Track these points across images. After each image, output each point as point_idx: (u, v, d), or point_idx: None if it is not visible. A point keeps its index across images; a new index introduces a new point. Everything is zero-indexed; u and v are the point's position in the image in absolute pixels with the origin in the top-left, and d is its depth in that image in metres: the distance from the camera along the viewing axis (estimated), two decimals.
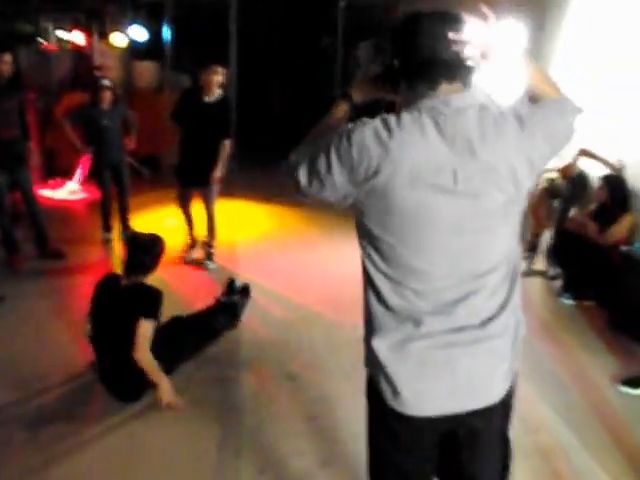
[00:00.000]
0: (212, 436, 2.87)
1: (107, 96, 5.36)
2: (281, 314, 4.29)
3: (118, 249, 5.67)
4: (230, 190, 6.02)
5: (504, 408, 1.62)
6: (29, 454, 2.73)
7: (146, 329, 2.99)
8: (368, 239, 1.51)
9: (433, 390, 1.50)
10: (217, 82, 4.79)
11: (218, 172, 4.92)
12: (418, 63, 1.45)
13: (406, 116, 1.42)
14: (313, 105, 10.72)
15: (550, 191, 5.01)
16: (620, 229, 4.41)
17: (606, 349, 3.89)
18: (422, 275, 1.46)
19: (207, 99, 4.82)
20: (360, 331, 2.38)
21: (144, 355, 2.97)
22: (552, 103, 1.54)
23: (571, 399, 3.31)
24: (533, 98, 1.57)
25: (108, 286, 3.28)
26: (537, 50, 5.30)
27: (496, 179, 1.42)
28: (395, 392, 1.50)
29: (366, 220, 1.49)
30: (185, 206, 5.22)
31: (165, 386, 3.03)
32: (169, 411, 3.02)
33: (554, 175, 5.01)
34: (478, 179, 1.41)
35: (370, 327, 1.57)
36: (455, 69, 1.45)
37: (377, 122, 1.43)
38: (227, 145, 4.94)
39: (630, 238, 4.40)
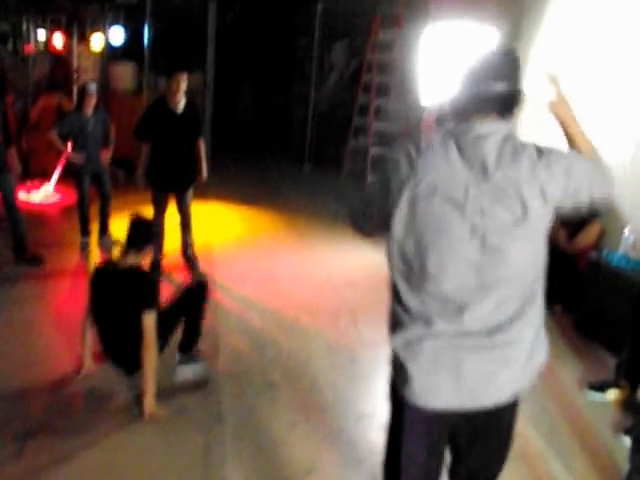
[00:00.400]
0: (197, 446, 2.94)
1: (92, 102, 5.39)
2: (259, 321, 4.36)
3: (96, 254, 5.70)
4: (203, 193, 6.05)
5: (509, 410, 1.79)
6: (15, 468, 2.76)
7: (151, 321, 3.10)
8: (393, 245, 1.71)
9: (439, 386, 1.67)
10: (184, 89, 4.77)
11: (205, 171, 5.10)
12: (463, 97, 1.71)
13: (437, 139, 1.69)
14: (288, 105, 10.83)
15: None
16: (588, 236, 4.57)
17: (574, 354, 4.06)
18: (433, 278, 1.65)
19: (178, 110, 4.81)
20: (336, 336, 2.49)
21: (152, 353, 3.09)
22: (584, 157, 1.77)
23: (540, 404, 3.43)
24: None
25: (103, 274, 3.37)
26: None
27: (504, 200, 1.59)
28: (407, 384, 1.69)
29: (394, 228, 1.70)
30: (163, 212, 5.26)
31: (151, 396, 3.10)
32: (152, 421, 3.08)
33: None
34: (487, 198, 1.60)
35: (391, 326, 1.77)
36: (496, 105, 1.67)
37: (410, 145, 1.72)
38: (202, 143, 5.09)
39: (598, 244, 4.56)
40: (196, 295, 3.47)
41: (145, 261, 3.39)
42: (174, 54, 8.98)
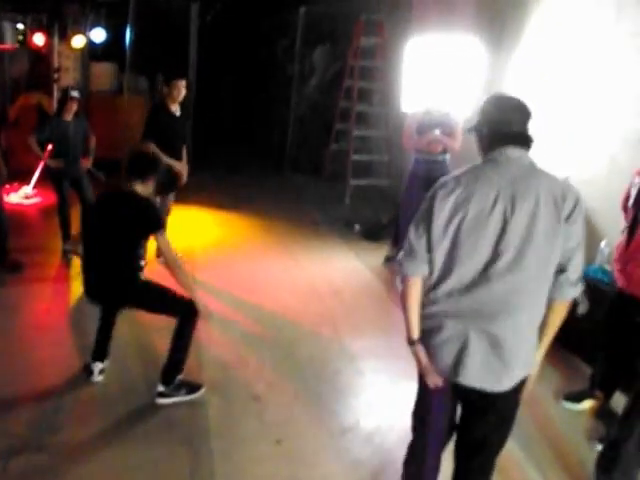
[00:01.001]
0: (185, 460, 2.97)
1: (74, 107, 5.35)
2: (242, 329, 4.39)
3: (77, 259, 5.65)
4: (183, 197, 6.07)
5: (509, 396, 2.13)
6: None
7: (165, 240, 3.32)
8: (444, 241, 2.06)
9: (443, 356, 2.12)
10: (183, 94, 5.07)
11: (185, 175, 5.36)
12: (494, 133, 2.09)
13: (476, 165, 2.11)
14: (268, 107, 10.80)
15: None
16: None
17: (550, 363, 4.10)
18: (459, 263, 2.04)
19: (177, 113, 5.13)
20: (319, 347, 2.56)
21: (178, 268, 3.31)
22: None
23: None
24: None
25: (110, 197, 3.52)
26: (494, 64, 5.50)
27: (522, 203, 1.96)
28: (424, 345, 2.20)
29: (434, 231, 2.06)
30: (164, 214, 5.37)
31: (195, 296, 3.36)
32: (140, 432, 3.13)
33: None
34: (510, 202, 1.98)
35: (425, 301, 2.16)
36: (519, 140, 2.07)
37: (461, 173, 2.12)
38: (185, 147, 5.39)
39: None
40: (188, 312, 3.43)
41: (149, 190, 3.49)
42: (156, 55, 8.93)
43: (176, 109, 5.13)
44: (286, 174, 9.65)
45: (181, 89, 5.02)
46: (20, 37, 8.77)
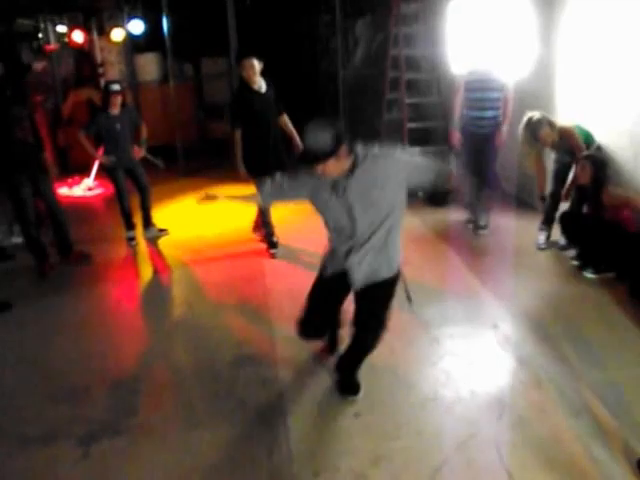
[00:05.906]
0: (262, 440, 2.91)
1: (117, 101, 5.34)
2: None
3: (143, 246, 5.71)
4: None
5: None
6: (84, 471, 2.79)
7: None
8: None
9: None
10: (258, 71, 4.80)
11: (299, 143, 4.87)
12: None
13: None
14: (315, 82, 10.58)
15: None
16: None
17: (632, 323, 3.79)
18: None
19: (261, 90, 4.88)
20: (393, 317, 2.48)
21: None
22: None
23: (609, 376, 3.30)
24: None
25: None
26: (545, 25, 5.22)
27: None
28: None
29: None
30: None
31: None
32: (215, 413, 3.11)
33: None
34: None
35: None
36: None
37: None
38: (286, 117, 5.10)
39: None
40: None
41: None
42: (196, 40, 8.89)
43: (259, 86, 4.86)
44: None
45: (250, 67, 4.74)
46: (62, 37, 8.91)
